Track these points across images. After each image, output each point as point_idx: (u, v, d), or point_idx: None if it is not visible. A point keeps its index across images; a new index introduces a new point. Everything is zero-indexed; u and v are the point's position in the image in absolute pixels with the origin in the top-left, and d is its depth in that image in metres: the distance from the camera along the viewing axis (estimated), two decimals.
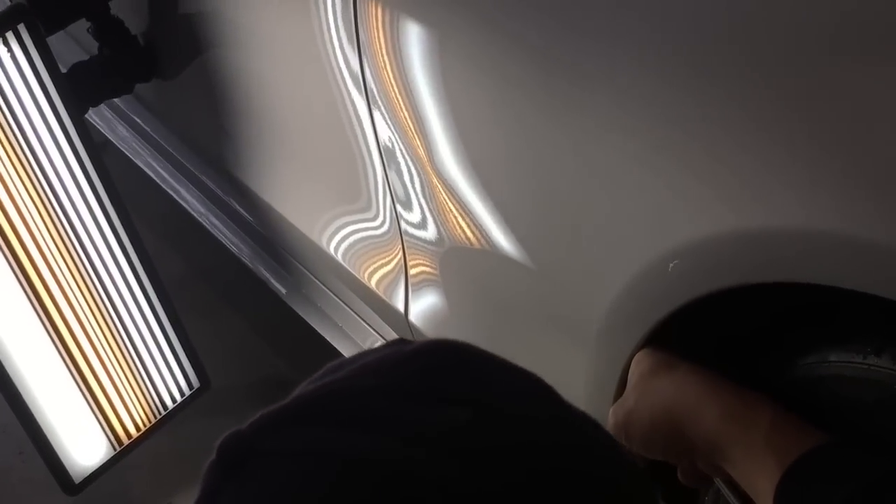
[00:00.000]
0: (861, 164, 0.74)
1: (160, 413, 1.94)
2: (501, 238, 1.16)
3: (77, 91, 1.73)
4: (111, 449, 1.89)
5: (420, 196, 1.28)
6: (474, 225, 1.19)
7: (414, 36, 1.15)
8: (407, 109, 1.20)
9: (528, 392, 0.61)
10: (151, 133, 2.29)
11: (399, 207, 1.36)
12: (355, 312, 1.78)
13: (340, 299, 1.82)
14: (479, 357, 0.62)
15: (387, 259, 1.49)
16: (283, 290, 2.04)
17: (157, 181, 2.37)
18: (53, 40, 1.65)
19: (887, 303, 0.73)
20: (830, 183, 0.76)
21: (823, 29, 0.78)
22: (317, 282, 1.87)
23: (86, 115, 1.90)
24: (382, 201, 1.40)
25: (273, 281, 2.07)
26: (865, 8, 0.77)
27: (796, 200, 0.78)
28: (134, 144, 2.41)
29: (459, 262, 1.31)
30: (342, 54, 1.29)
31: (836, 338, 0.86)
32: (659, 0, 0.90)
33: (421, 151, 1.22)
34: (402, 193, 1.33)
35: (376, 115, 1.28)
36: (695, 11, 0.86)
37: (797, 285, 0.80)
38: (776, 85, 0.80)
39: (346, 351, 1.89)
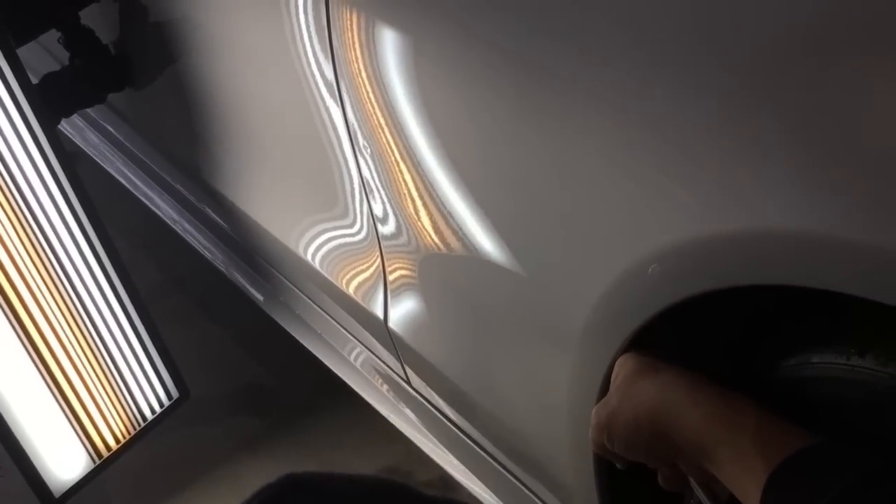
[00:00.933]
0: (839, 164, 0.74)
1: (139, 424, 1.93)
2: (480, 242, 1.15)
3: (49, 102, 1.71)
4: (91, 462, 1.87)
5: (397, 201, 1.27)
6: (453, 230, 1.19)
7: (388, 41, 1.14)
8: (382, 115, 1.20)
9: None
10: (124, 142, 2.28)
11: (376, 214, 1.35)
12: (334, 319, 1.78)
13: (319, 306, 1.81)
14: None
15: (365, 266, 1.48)
16: (261, 298, 2.04)
17: (132, 190, 2.36)
18: (25, 51, 1.64)
19: (870, 303, 0.73)
20: (809, 183, 0.75)
21: (804, 26, 0.78)
22: (294, 289, 1.86)
23: (58, 126, 1.89)
24: (360, 208, 1.39)
25: (250, 289, 2.06)
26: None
27: (774, 202, 0.78)
28: (107, 153, 2.40)
29: (438, 268, 1.30)
30: (315, 60, 1.29)
31: (819, 339, 0.86)
32: (634, 2, 0.89)
33: (397, 157, 1.21)
34: (379, 199, 1.32)
35: (351, 121, 1.27)
36: (672, 12, 0.86)
37: (778, 287, 0.80)
38: (754, 85, 0.79)
39: (326, 358, 1.88)
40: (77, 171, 1.70)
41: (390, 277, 1.43)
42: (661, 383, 0.89)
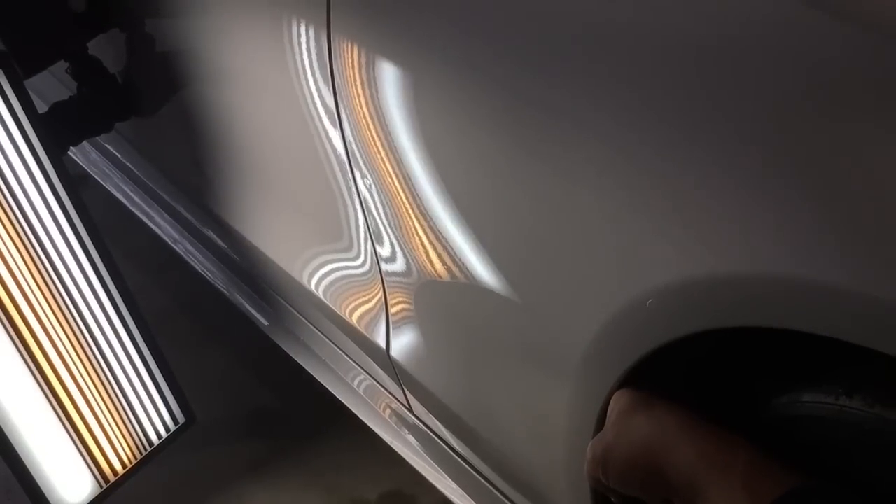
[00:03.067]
0: (831, 212, 0.75)
1: (146, 449, 1.94)
2: (480, 275, 1.17)
3: (56, 131, 1.73)
4: (97, 486, 1.88)
5: (399, 234, 1.29)
6: (454, 263, 1.20)
7: (388, 75, 1.16)
8: (383, 149, 1.21)
9: None
10: (132, 168, 2.29)
11: (378, 247, 1.37)
12: (338, 346, 1.79)
13: (323, 333, 1.82)
14: None
15: (367, 297, 1.49)
16: (266, 323, 2.04)
17: (138, 214, 2.37)
18: (36, 79, 1.65)
19: (859, 346, 0.75)
20: (802, 230, 0.76)
21: (796, 79, 0.79)
22: (298, 316, 1.87)
23: (65, 154, 1.90)
24: (364, 241, 1.40)
25: (255, 314, 2.07)
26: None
27: (768, 246, 0.79)
28: (115, 178, 2.42)
29: (440, 300, 1.31)
30: (317, 93, 1.30)
31: (810, 378, 0.87)
32: (630, 46, 0.90)
33: (399, 191, 1.23)
34: (381, 232, 1.33)
35: (353, 153, 1.28)
36: (670, 56, 0.87)
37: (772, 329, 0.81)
38: (754, 129, 0.81)
39: (330, 384, 1.89)
40: (83, 194, 1.71)
41: (392, 309, 1.44)
42: (656, 420, 0.91)
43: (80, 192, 1.71)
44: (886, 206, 0.72)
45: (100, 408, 1.84)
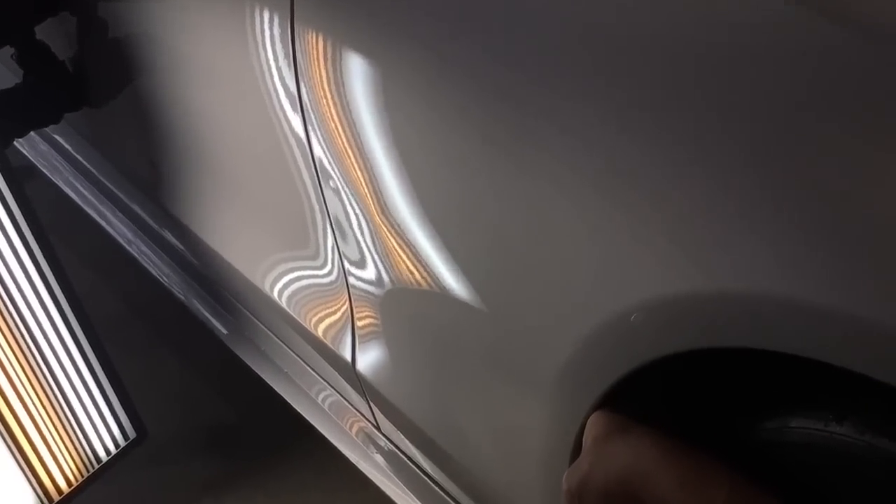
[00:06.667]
0: (834, 229, 0.75)
1: (93, 466, 1.94)
2: (452, 285, 1.17)
3: (0, 121, 1.73)
4: None
5: (366, 240, 1.29)
6: (424, 272, 1.20)
7: (356, 67, 1.16)
8: (350, 149, 1.21)
9: None
10: (83, 161, 2.28)
11: (344, 252, 1.37)
12: (301, 358, 1.79)
13: (285, 343, 1.82)
14: None
15: (333, 307, 1.49)
16: (225, 332, 2.04)
17: (87, 209, 2.36)
18: None
19: (851, 371, 0.75)
20: (802, 246, 0.77)
21: (803, 76, 0.80)
22: (259, 324, 1.88)
23: (8, 147, 1.90)
24: (330, 248, 1.40)
25: (213, 321, 2.07)
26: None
27: (759, 264, 0.79)
28: (64, 172, 2.41)
29: (409, 311, 1.32)
30: (281, 86, 1.30)
31: (799, 403, 0.88)
32: (619, 37, 0.90)
33: (366, 192, 1.23)
34: (346, 237, 1.33)
35: (318, 154, 1.28)
36: (662, 51, 0.87)
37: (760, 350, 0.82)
38: (749, 134, 0.81)
39: (293, 399, 1.89)
40: (28, 188, 1.71)
41: (359, 320, 1.44)
42: (633, 446, 0.91)
43: (24, 185, 1.70)
44: (886, 227, 0.73)
45: (43, 421, 1.83)
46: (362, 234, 1.29)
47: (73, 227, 2.46)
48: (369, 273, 1.33)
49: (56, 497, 1.90)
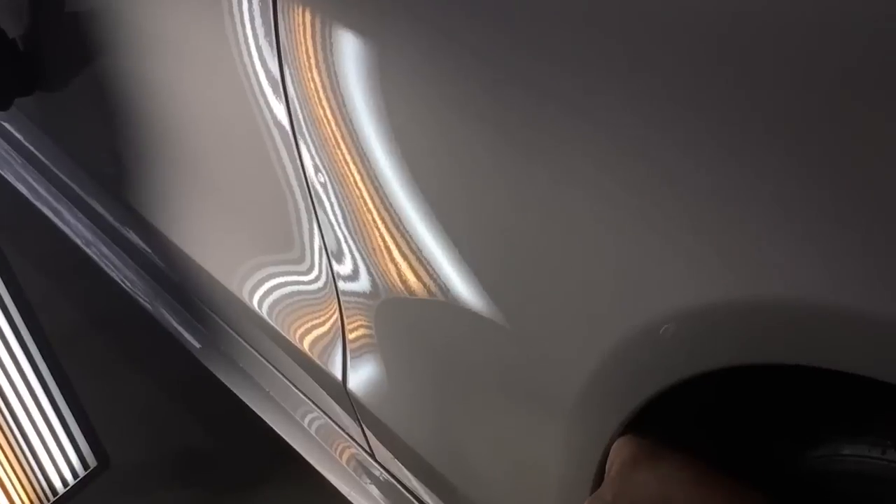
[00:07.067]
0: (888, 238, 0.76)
1: (49, 499, 1.94)
2: (458, 294, 1.17)
3: None
4: None
5: (359, 243, 1.29)
6: (425, 278, 1.20)
7: (346, 45, 1.16)
8: (341, 138, 1.21)
9: None
10: (36, 153, 2.28)
11: (333, 256, 1.37)
12: (285, 376, 1.79)
13: (266, 359, 1.82)
14: None
15: (321, 319, 1.50)
16: (197, 346, 2.04)
17: (43, 209, 2.36)
18: None
19: None
20: (856, 251, 0.77)
21: (836, 73, 0.80)
22: (237, 337, 1.88)
23: None
24: (318, 251, 1.41)
25: (184, 333, 2.07)
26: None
27: (811, 269, 0.79)
28: (15, 165, 2.41)
29: (407, 323, 1.32)
30: (262, 67, 1.30)
31: (852, 428, 0.88)
32: (649, 14, 0.90)
33: (358, 189, 1.23)
34: (336, 239, 1.34)
35: (305, 144, 1.28)
36: (698, 31, 0.87)
37: (809, 368, 0.82)
38: (795, 124, 0.81)
39: (275, 422, 1.89)
40: None
41: (350, 333, 1.45)
42: (663, 476, 0.92)
43: None
44: None
45: None
46: (354, 235, 1.30)
47: (24, 227, 2.46)
48: (362, 280, 1.34)
49: None
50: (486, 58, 1.02)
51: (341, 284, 1.39)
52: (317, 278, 1.45)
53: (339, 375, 1.53)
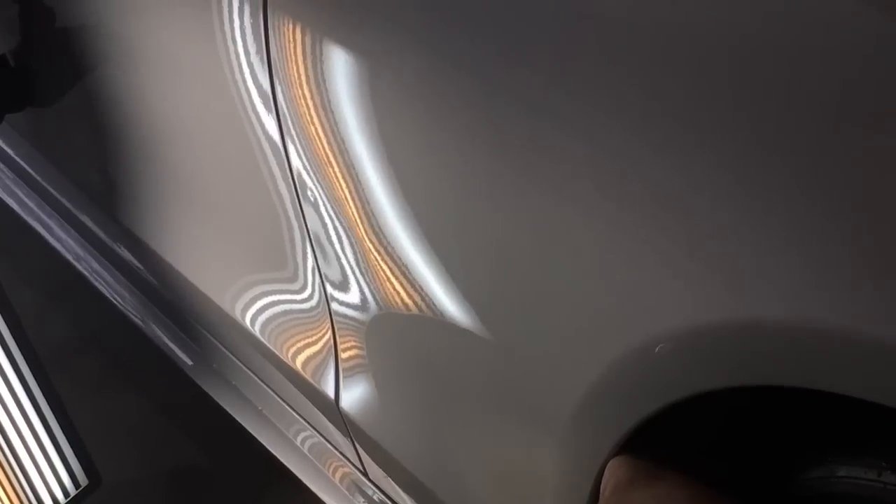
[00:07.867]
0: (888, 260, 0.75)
1: None
2: (451, 312, 1.17)
3: None
4: None
5: (351, 260, 1.29)
6: (418, 296, 1.20)
7: (338, 63, 1.16)
8: (333, 155, 1.21)
9: None
10: (27, 167, 2.28)
11: (325, 274, 1.37)
12: (277, 394, 1.79)
13: (259, 377, 1.82)
14: None
15: (314, 337, 1.49)
16: (189, 363, 2.04)
17: (34, 225, 2.36)
18: None
19: None
20: (856, 273, 0.76)
21: (834, 92, 0.80)
22: (229, 355, 1.87)
23: None
24: (308, 268, 1.40)
25: (176, 351, 2.07)
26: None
27: (810, 290, 0.79)
28: (5, 179, 2.41)
29: (400, 342, 1.32)
30: (253, 83, 1.30)
31: (848, 450, 0.88)
32: (639, 25, 0.90)
33: (350, 206, 1.23)
34: (328, 257, 1.34)
35: (296, 160, 1.28)
36: (688, 41, 0.87)
37: (805, 390, 0.82)
38: (794, 136, 0.81)
39: (268, 440, 1.89)
40: None
41: (343, 352, 1.44)
42: (659, 497, 0.91)
43: None
44: None
45: None
46: (346, 253, 1.29)
47: (13, 242, 2.46)
48: (354, 297, 1.33)
49: None
50: (478, 73, 1.02)
51: (334, 304, 1.39)
52: (309, 297, 1.45)
53: (332, 394, 1.53)
